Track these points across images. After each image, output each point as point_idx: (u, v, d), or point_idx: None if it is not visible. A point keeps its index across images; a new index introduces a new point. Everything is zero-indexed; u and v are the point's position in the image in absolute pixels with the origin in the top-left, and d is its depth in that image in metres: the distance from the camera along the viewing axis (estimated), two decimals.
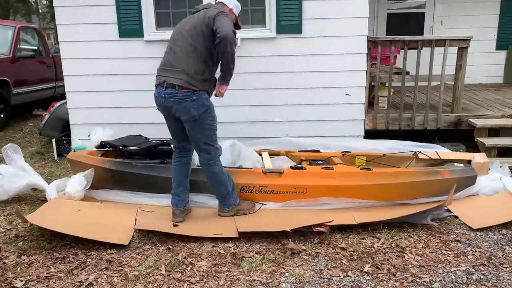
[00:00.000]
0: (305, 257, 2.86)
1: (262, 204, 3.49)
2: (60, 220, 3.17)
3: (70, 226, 3.06)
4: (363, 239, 3.10)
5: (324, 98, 4.94)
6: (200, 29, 3.08)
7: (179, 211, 3.33)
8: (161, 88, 3.14)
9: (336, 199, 3.45)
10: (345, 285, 2.54)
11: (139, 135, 4.34)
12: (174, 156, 3.41)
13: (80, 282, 2.58)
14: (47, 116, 5.74)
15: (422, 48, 4.92)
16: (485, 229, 3.22)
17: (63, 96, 6.47)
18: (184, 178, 3.40)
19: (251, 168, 3.66)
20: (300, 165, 3.69)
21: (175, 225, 3.21)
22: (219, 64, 3.15)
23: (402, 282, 2.56)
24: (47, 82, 8.29)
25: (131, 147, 3.91)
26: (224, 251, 2.93)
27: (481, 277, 2.62)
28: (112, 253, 2.90)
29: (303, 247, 2.96)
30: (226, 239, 3.06)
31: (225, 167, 3.42)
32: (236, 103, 4.90)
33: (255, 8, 4.85)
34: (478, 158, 3.89)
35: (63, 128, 5.45)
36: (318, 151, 4.27)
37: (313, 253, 2.90)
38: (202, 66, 3.10)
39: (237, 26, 3.33)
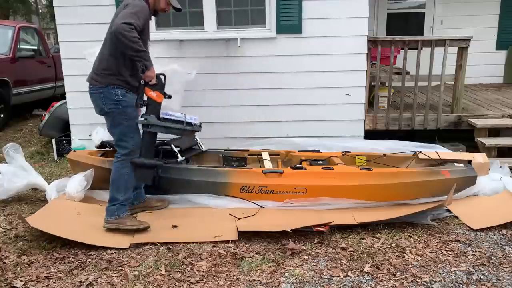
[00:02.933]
0: (305, 257, 2.86)
1: (261, 206, 3.48)
2: (61, 224, 3.15)
3: (70, 230, 3.05)
4: (363, 239, 3.10)
5: (324, 98, 4.94)
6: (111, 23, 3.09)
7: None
8: None
9: (336, 199, 3.45)
10: (345, 285, 2.54)
11: None
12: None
13: (80, 282, 2.58)
14: (47, 116, 5.73)
15: (422, 48, 4.92)
16: (485, 229, 3.22)
17: (63, 96, 6.46)
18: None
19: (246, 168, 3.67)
20: (300, 165, 3.69)
21: (174, 226, 3.20)
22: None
23: (402, 282, 2.56)
24: (47, 82, 8.28)
25: None
26: (224, 251, 2.93)
27: (481, 277, 2.62)
28: (112, 253, 2.90)
29: (303, 247, 2.96)
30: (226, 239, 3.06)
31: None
32: (236, 103, 4.90)
33: (255, 8, 4.84)
34: (478, 158, 3.89)
35: (63, 128, 5.45)
36: (318, 151, 4.26)
37: (313, 253, 2.90)
38: (107, 62, 3.09)
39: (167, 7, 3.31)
